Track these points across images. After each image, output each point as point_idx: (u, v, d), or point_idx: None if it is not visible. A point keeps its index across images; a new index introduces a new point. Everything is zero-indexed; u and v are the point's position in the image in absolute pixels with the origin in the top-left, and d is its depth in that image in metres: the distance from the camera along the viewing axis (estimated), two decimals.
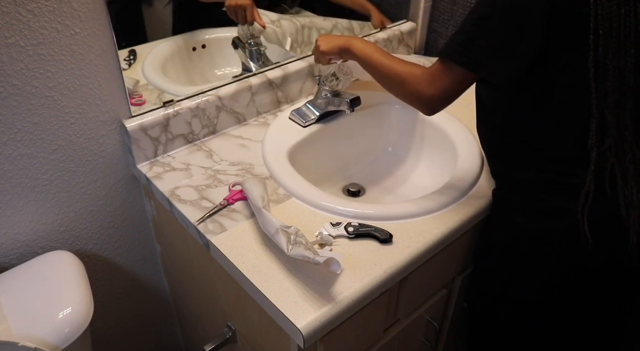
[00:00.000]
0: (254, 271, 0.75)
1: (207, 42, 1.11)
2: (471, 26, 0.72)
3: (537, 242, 0.84)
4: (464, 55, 0.72)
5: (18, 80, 0.79)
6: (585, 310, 0.89)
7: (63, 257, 0.92)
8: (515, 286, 0.91)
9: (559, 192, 0.80)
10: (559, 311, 0.89)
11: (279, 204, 0.88)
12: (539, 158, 0.81)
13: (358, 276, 0.75)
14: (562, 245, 0.82)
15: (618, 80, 0.70)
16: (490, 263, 0.94)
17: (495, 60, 0.72)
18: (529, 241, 0.85)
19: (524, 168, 0.84)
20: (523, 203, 0.84)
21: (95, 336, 1.12)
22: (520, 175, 0.84)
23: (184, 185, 0.92)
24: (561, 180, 0.79)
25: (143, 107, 0.96)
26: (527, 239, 0.85)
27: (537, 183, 0.82)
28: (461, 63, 0.73)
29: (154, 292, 1.22)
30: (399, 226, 0.84)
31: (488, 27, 0.70)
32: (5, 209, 0.88)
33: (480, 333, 1.06)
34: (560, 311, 0.89)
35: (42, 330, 0.78)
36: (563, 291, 0.87)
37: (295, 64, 1.13)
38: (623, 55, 0.69)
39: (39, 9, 0.76)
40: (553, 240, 0.83)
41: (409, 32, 1.34)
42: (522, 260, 0.87)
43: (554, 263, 0.84)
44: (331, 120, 1.08)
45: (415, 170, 1.12)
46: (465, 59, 0.73)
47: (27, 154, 0.86)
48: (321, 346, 0.75)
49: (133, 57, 0.97)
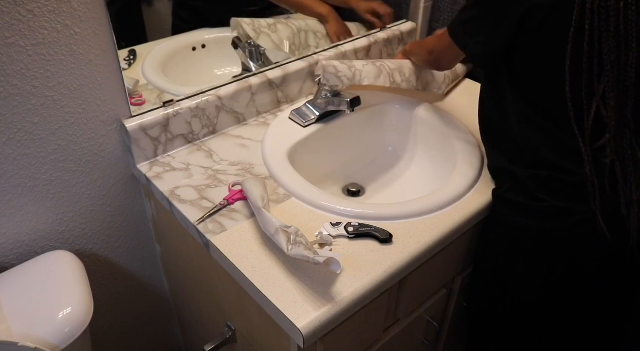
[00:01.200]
0: (254, 271, 0.75)
1: (207, 42, 1.11)
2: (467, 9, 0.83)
3: (537, 242, 0.84)
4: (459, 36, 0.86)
5: (18, 80, 0.79)
6: (585, 309, 0.89)
7: (63, 256, 0.92)
8: (514, 285, 0.91)
9: (559, 191, 0.80)
10: (558, 310, 0.90)
11: (279, 204, 0.88)
12: (536, 153, 0.81)
13: (358, 276, 0.75)
14: (562, 245, 0.82)
15: (617, 76, 0.70)
16: (490, 263, 0.94)
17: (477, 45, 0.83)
18: (528, 241, 0.85)
19: (521, 164, 0.83)
20: (523, 202, 0.84)
21: (95, 336, 1.12)
22: (519, 173, 0.84)
23: (184, 185, 0.92)
24: (560, 178, 0.79)
25: (143, 107, 0.96)
26: (527, 239, 0.85)
27: (536, 182, 0.82)
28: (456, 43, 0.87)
29: (154, 292, 1.22)
30: (399, 226, 0.84)
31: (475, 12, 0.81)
32: (5, 209, 0.88)
33: (479, 333, 1.06)
34: (559, 310, 0.89)
35: (42, 330, 0.78)
36: (563, 290, 0.87)
37: (295, 64, 1.13)
38: (624, 49, 0.69)
39: (39, 9, 0.76)
40: (553, 240, 0.83)
41: (409, 32, 1.34)
42: (522, 259, 0.87)
43: (554, 263, 0.84)
44: (331, 120, 1.08)
45: (416, 170, 1.12)
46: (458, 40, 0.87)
47: (27, 154, 0.86)
48: (321, 346, 0.75)
49: (133, 57, 0.97)
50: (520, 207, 0.85)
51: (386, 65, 1.08)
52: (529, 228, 0.84)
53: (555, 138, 0.79)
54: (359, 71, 1.05)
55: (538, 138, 0.80)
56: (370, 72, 1.06)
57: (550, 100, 0.77)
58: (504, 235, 0.89)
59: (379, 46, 1.28)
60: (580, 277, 0.84)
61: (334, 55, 1.18)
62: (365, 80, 1.05)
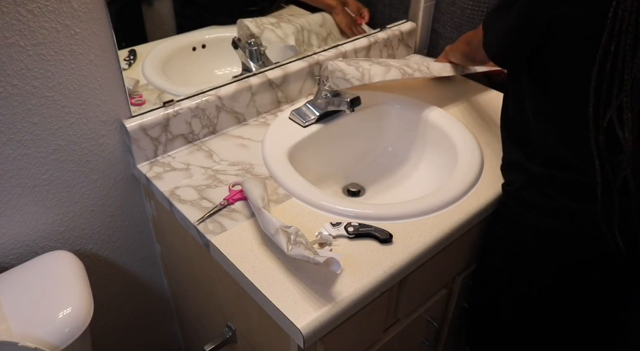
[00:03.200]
0: (254, 271, 0.75)
1: (207, 42, 1.11)
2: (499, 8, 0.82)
3: (545, 240, 0.84)
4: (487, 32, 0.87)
5: (18, 80, 0.79)
6: (587, 309, 0.89)
7: (63, 256, 0.92)
8: (519, 282, 0.90)
9: (573, 192, 0.79)
10: (560, 309, 0.90)
11: (279, 204, 0.88)
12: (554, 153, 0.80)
13: (358, 276, 0.75)
14: (570, 244, 0.82)
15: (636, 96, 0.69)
16: (496, 258, 0.94)
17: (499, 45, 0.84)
18: (536, 238, 0.85)
19: (537, 162, 0.83)
20: (536, 201, 0.83)
21: (95, 336, 1.12)
22: (534, 170, 0.83)
23: (184, 185, 0.92)
24: (575, 180, 0.79)
25: (143, 107, 0.96)
26: (535, 236, 0.85)
27: (551, 181, 0.81)
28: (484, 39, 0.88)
29: (154, 292, 1.22)
30: (399, 226, 0.84)
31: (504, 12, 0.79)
32: (5, 209, 0.88)
33: (480, 330, 1.06)
34: (561, 309, 0.90)
35: (42, 330, 0.78)
36: (567, 289, 0.87)
37: (295, 64, 1.13)
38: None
39: (39, 9, 0.76)
40: (561, 240, 0.83)
41: (409, 32, 1.34)
42: (528, 256, 0.87)
43: (561, 262, 0.84)
44: (331, 120, 1.08)
45: (416, 170, 1.12)
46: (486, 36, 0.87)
47: (27, 154, 0.86)
48: (321, 346, 0.75)
49: (133, 57, 0.97)
50: (531, 205, 0.84)
51: (390, 62, 1.08)
52: (540, 226, 0.84)
53: (573, 142, 0.78)
54: (367, 70, 1.04)
55: (557, 139, 0.80)
56: (378, 69, 1.05)
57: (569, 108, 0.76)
58: (512, 231, 0.89)
59: (379, 46, 1.28)
60: (586, 276, 0.84)
61: (333, 55, 1.18)
62: (376, 78, 1.04)
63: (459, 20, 1.28)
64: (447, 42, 1.34)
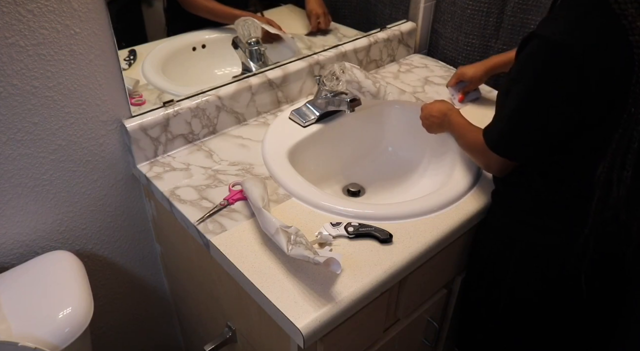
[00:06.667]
0: (254, 271, 0.75)
1: (207, 42, 1.11)
2: (509, 116, 0.76)
3: (529, 251, 0.85)
4: (503, 148, 0.79)
5: (18, 80, 0.79)
6: (572, 315, 0.89)
7: (63, 257, 0.92)
8: (503, 289, 0.91)
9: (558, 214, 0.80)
10: (544, 315, 0.90)
11: (279, 204, 0.88)
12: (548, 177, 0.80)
13: (358, 276, 0.75)
14: (552, 257, 0.82)
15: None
16: (481, 264, 0.94)
17: (529, 147, 0.77)
18: (520, 249, 0.85)
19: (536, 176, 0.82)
20: (520, 213, 0.84)
21: (95, 336, 1.12)
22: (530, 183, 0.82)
23: (184, 185, 0.92)
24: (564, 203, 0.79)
25: (143, 107, 0.96)
26: (518, 247, 0.85)
27: (540, 199, 0.81)
28: (502, 155, 0.80)
29: (154, 292, 1.22)
30: (399, 226, 0.84)
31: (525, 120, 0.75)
32: (5, 209, 0.88)
33: (469, 333, 1.07)
34: (545, 315, 0.90)
35: (42, 330, 0.78)
36: (550, 297, 0.87)
37: (295, 64, 1.13)
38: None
39: (39, 9, 0.76)
40: (544, 252, 0.83)
41: (409, 32, 1.34)
42: (512, 265, 0.87)
43: (543, 272, 0.85)
44: (331, 120, 1.08)
45: (416, 170, 1.12)
46: (504, 152, 0.80)
47: (27, 154, 0.86)
48: (321, 346, 0.75)
49: (133, 57, 0.97)
50: (516, 216, 0.84)
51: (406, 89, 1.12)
52: (522, 238, 0.84)
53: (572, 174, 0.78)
54: (383, 87, 1.07)
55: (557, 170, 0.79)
56: (394, 89, 1.08)
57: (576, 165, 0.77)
58: (496, 239, 0.89)
59: (379, 46, 1.28)
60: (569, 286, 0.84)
61: (333, 55, 1.18)
62: (390, 96, 1.07)
63: (459, 20, 1.28)
64: (447, 42, 1.34)
